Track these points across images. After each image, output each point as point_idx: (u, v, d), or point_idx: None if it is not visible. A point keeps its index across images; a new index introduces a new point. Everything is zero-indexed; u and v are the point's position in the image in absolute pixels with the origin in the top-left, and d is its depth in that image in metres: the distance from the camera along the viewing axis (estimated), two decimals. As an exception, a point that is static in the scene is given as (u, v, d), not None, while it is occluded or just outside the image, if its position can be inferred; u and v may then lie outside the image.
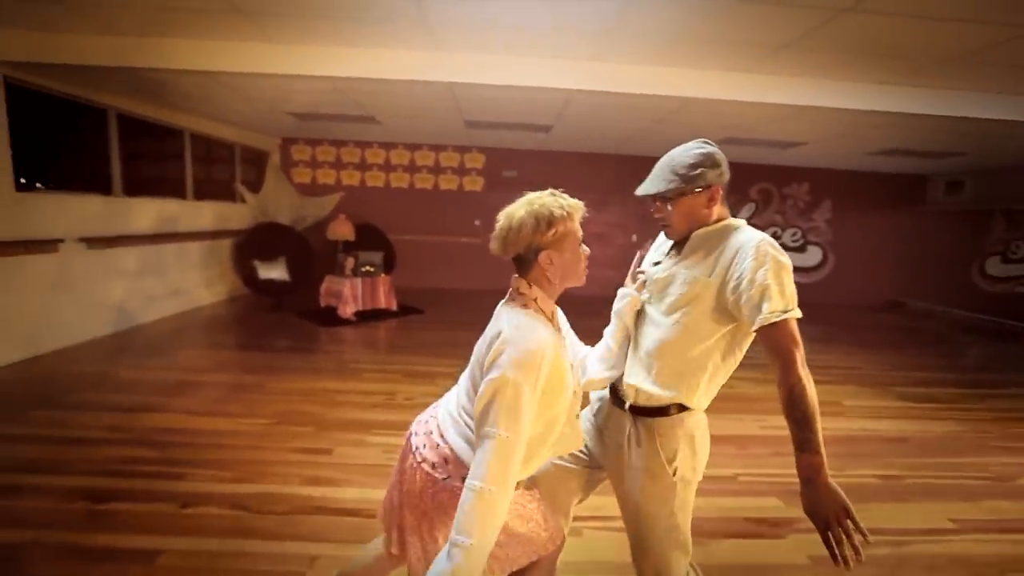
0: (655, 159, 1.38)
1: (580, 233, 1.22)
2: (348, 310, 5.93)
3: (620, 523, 2.26)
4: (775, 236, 8.94)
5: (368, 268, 6.31)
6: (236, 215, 7.01)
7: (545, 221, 1.15)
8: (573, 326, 1.47)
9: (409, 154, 8.37)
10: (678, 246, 1.39)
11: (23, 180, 4.07)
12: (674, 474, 1.35)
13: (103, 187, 4.98)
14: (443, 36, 3.36)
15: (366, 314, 6.09)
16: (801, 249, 8.97)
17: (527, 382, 1.04)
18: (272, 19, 3.22)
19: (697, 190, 1.29)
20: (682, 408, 1.35)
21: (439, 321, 6.20)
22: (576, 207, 1.20)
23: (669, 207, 1.33)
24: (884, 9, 2.60)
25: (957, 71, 3.54)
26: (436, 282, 8.57)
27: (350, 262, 6.18)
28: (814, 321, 7.55)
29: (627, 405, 1.39)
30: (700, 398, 1.35)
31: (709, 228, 1.34)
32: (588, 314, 2.22)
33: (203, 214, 6.38)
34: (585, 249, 1.23)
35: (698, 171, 1.28)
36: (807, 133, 5.56)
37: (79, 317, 4.58)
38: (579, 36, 3.24)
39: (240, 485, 2.38)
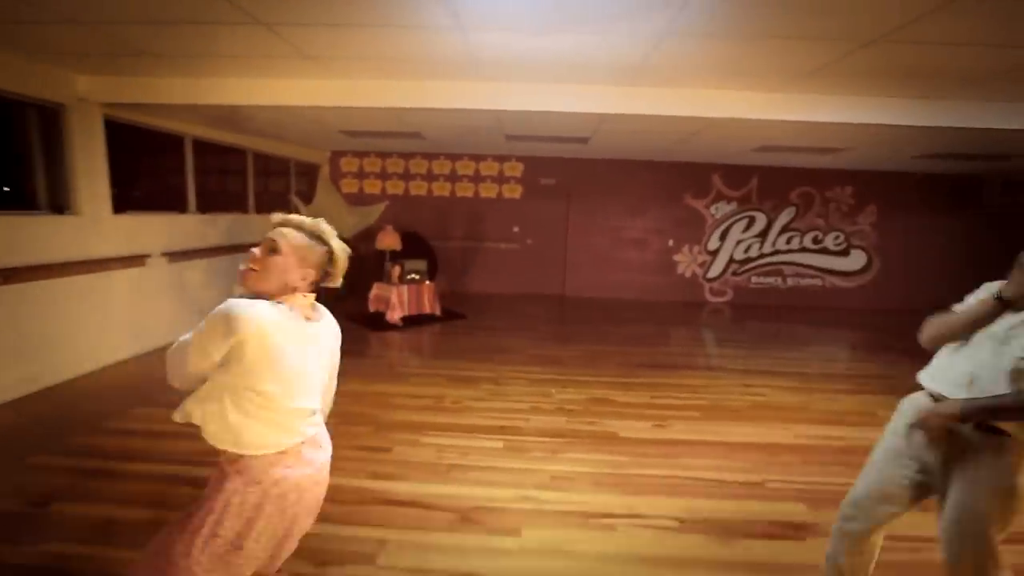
0: (693, 164, 1.55)
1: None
2: (395, 315, 6.32)
3: (652, 520, 2.49)
4: (816, 240, 8.84)
5: (413, 276, 6.68)
6: (292, 226, 7.54)
7: None
8: (616, 332, 1.67)
9: (450, 164, 8.73)
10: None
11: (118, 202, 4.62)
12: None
13: (180, 206, 5.53)
14: (489, 68, 3.63)
15: (412, 319, 6.47)
16: (844, 253, 8.82)
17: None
18: (334, 61, 3.58)
19: None
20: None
21: (479, 326, 6.51)
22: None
23: None
24: (905, 39, 2.70)
25: (986, 87, 3.56)
26: (477, 287, 8.90)
27: (396, 270, 6.57)
28: (857, 328, 7.50)
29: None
30: None
31: None
32: (626, 318, 2.40)
33: (263, 226, 6.89)
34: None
35: None
36: (844, 141, 5.55)
37: (163, 322, 5.13)
38: (616, 65, 3.45)
39: (315, 478, 2.73)
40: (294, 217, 1.45)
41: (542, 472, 2.89)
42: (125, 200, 4.73)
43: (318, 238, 1.42)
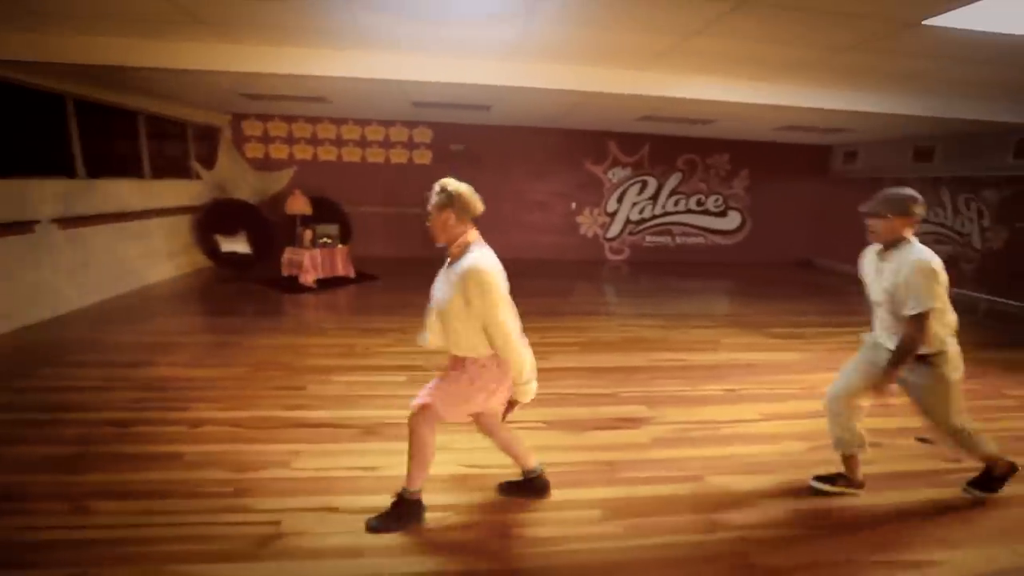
0: (591, 132, 2.07)
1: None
2: (309, 278, 6.51)
3: (522, 423, 3.08)
4: (699, 203, 9.94)
5: (326, 240, 6.86)
6: (192, 192, 7.35)
7: None
8: (520, 286, 2.33)
9: (360, 129, 8.78)
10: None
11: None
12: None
13: (67, 170, 5.32)
14: (386, 40, 3.92)
15: (326, 281, 6.69)
16: (722, 214, 10.01)
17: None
18: (234, 28, 3.70)
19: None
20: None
21: (393, 286, 6.87)
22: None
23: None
24: (719, 32, 3.36)
25: (802, 75, 4.41)
26: (391, 251, 9.16)
27: (308, 234, 6.72)
28: (731, 278, 8.69)
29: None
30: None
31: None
32: (530, 274, 2.89)
33: (162, 192, 6.71)
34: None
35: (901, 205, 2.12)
36: (710, 114, 6.39)
37: (58, 291, 5.02)
38: (497, 42, 3.88)
39: (233, 412, 3.08)
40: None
41: (438, 396, 3.42)
42: (5, 164, 4.53)
43: (442, 190, 2.02)
